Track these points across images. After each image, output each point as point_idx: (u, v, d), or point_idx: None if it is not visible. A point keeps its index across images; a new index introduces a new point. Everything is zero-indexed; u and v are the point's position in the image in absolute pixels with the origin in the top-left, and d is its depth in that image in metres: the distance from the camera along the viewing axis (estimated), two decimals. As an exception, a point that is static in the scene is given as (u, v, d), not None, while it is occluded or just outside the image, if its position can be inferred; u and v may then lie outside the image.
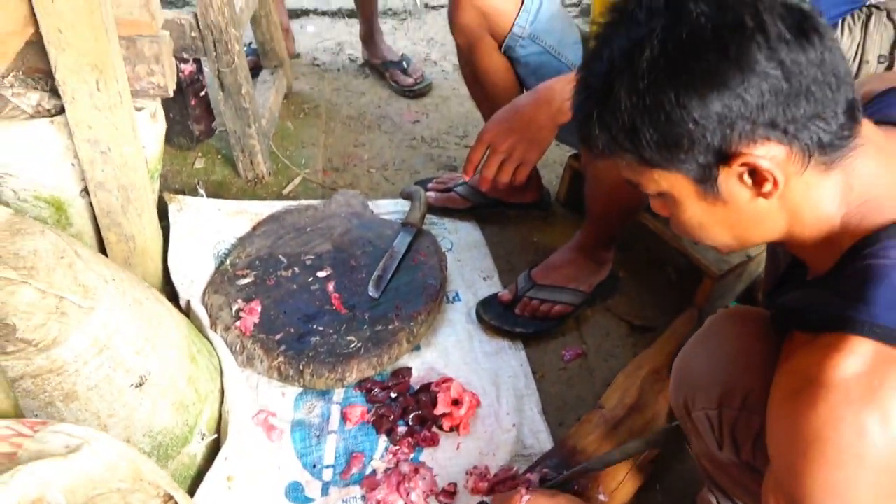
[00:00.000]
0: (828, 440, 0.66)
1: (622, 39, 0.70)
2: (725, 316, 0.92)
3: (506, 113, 1.28)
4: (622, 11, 0.72)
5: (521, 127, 1.25)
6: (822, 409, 0.66)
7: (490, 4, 1.47)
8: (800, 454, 0.67)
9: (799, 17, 0.67)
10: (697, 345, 0.92)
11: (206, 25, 1.64)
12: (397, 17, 2.71)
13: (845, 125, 0.70)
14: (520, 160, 1.26)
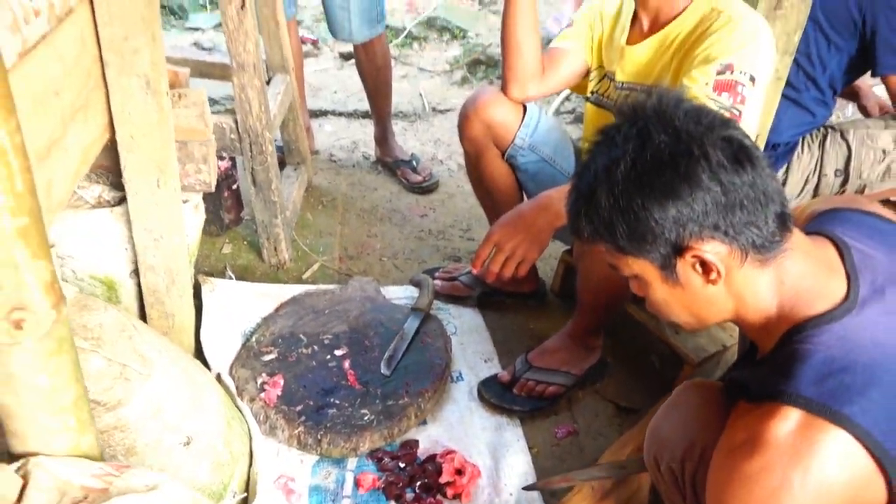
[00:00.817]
0: (757, 483, 0.82)
1: (604, 157, 0.91)
2: (689, 387, 1.09)
3: (510, 217, 1.48)
4: (605, 134, 0.93)
5: (523, 229, 1.44)
6: (756, 460, 0.83)
7: (495, 119, 1.69)
8: (732, 496, 0.83)
9: (736, 148, 0.88)
10: (666, 410, 1.09)
11: (244, 129, 1.86)
12: (407, 120, 2.97)
13: (776, 232, 0.89)
14: (521, 258, 1.45)
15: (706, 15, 1.45)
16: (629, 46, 1.57)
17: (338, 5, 2.31)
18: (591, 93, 1.73)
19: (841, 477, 0.82)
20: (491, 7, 3.71)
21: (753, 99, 1.38)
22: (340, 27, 2.35)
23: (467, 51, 3.35)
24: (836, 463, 0.82)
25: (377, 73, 2.47)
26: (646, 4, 1.52)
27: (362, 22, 2.33)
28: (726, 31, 1.40)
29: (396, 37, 3.42)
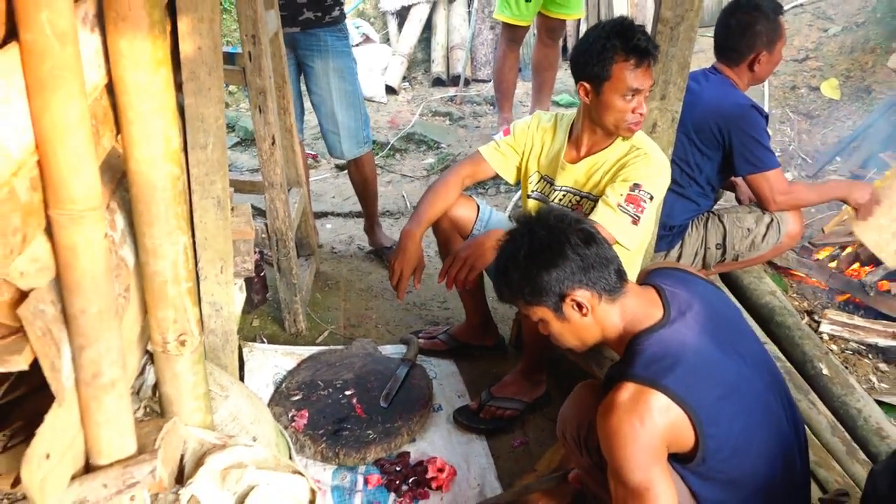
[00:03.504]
0: (618, 430, 1.40)
1: (510, 247, 1.53)
2: (581, 385, 1.69)
3: (467, 242, 2.14)
4: (510, 234, 1.56)
5: (474, 248, 2.06)
6: (612, 418, 1.41)
7: (457, 217, 2.33)
8: (609, 443, 1.41)
9: (586, 234, 1.50)
10: (568, 402, 1.68)
11: (273, 230, 2.50)
12: (393, 217, 3.63)
13: (617, 281, 1.51)
14: (470, 266, 2.06)
15: (627, 151, 2.07)
16: (569, 164, 2.18)
17: (330, 131, 2.96)
18: (532, 191, 2.36)
19: (663, 422, 1.40)
20: (459, 123, 4.45)
21: (649, 211, 2.01)
22: (333, 148, 3.00)
23: (440, 159, 4.06)
24: (658, 413, 1.40)
25: (365, 183, 3.11)
26: (580, 140, 2.13)
27: (351, 144, 2.97)
28: (641, 163, 2.03)
29: (382, 149, 4.12)
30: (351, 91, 2.92)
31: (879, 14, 4.95)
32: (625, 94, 1.95)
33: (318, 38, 2.82)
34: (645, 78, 1.95)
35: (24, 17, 0.84)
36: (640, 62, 1.93)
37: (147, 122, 1.20)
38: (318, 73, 2.86)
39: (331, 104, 2.90)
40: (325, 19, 2.81)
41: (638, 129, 2.05)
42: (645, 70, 1.95)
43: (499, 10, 3.74)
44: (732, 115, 2.46)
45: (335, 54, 2.86)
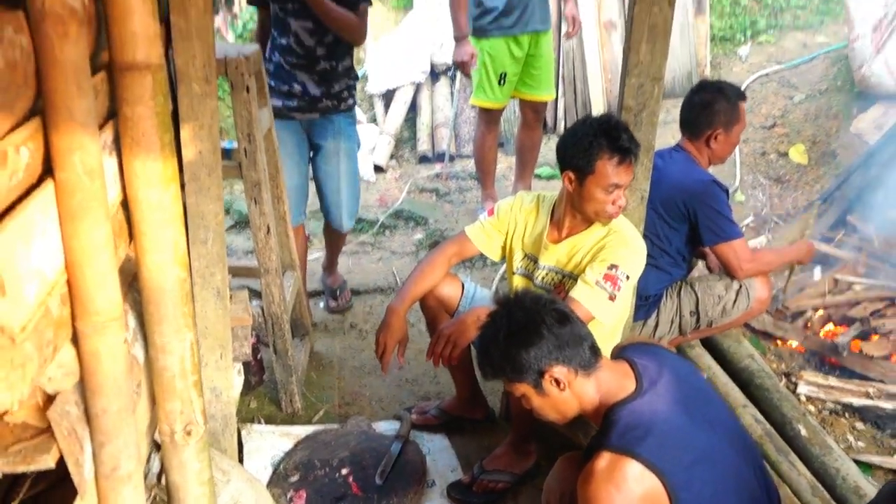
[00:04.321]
0: (595, 499, 1.50)
1: (491, 329, 1.65)
2: (563, 457, 1.79)
3: (450, 321, 2.26)
4: (490, 317, 1.68)
5: (456, 326, 2.18)
6: (590, 486, 1.51)
7: (443, 295, 2.46)
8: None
9: (561, 314, 1.63)
10: (552, 473, 1.78)
11: (269, 314, 2.61)
12: (384, 294, 3.73)
13: (591, 357, 1.63)
14: (454, 344, 2.17)
15: (606, 233, 2.21)
16: (551, 244, 2.32)
17: (334, 205, 3.22)
18: (517, 268, 2.49)
19: (638, 489, 1.50)
20: (445, 198, 4.63)
21: (626, 289, 2.15)
22: (334, 220, 3.27)
23: (428, 234, 4.21)
24: (633, 480, 1.50)
25: (339, 242, 3.48)
26: (562, 222, 2.27)
27: (348, 218, 3.27)
28: (618, 245, 2.17)
29: (372, 227, 4.28)
30: (355, 171, 3.24)
31: (839, 82, 5.23)
32: (606, 187, 2.10)
33: (333, 122, 3.08)
34: (626, 174, 2.11)
35: (59, 159, 0.98)
36: (622, 160, 2.09)
37: (158, 232, 1.34)
38: (330, 153, 3.12)
39: (338, 181, 3.17)
40: (341, 106, 3.08)
41: (616, 218, 2.20)
42: (627, 167, 2.10)
43: (475, 96, 3.95)
44: (696, 191, 2.62)
45: (346, 137, 3.14)
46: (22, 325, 0.90)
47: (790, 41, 6.01)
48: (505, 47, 3.72)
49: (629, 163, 2.10)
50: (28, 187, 0.97)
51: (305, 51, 2.92)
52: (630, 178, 2.14)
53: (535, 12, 3.70)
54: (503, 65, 3.76)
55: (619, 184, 2.10)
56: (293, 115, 3.01)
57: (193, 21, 1.73)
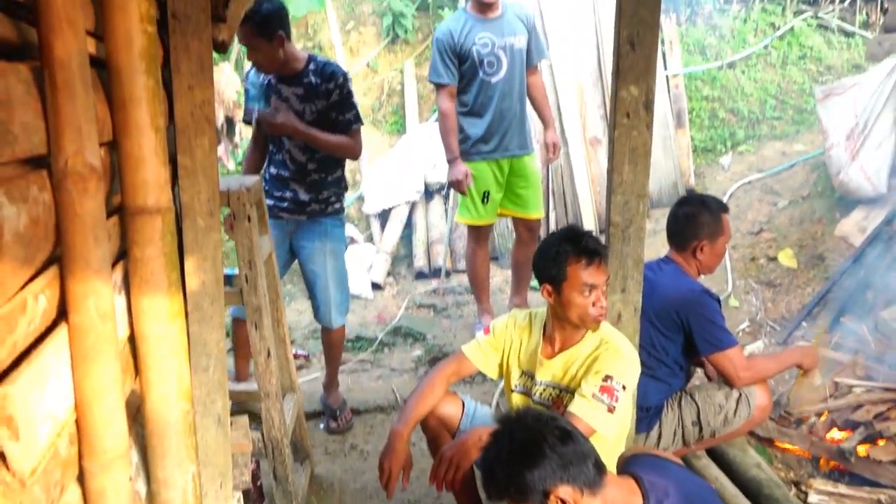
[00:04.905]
0: None
1: (494, 448, 1.66)
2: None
3: (452, 442, 2.25)
4: (493, 436, 1.69)
5: (458, 447, 2.17)
6: None
7: (444, 414, 2.46)
8: None
9: (563, 431, 1.64)
10: None
11: (269, 439, 2.60)
12: (384, 412, 3.71)
13: (596, 475, 1.62)
14: (456, 466, 2.14)
15: (598, 344, 2.26)
16: (546, 359, 2.36)
17: (322, 303, 3.31)
18: (516, 386, 2.51)
19: None
20: (443, 313, 4.68)
21: (624, 400, 2.17)
22: (323, 317, 3.35)
23: (427, 350, 4.23)
24: None
25: (335, 346, 3.47)
26: (554, 337, 2.33)
27: (337, 315, 3.34)
28: (611, 356, 2.21)
29: (371, 345, 4.30)
30: (342, 270, 3.36)
31: (820, 188, 5.41)
32: (582, 290, 2.17)
33: (320, 224, 3.24)
34: (598, 274, 2.18)
35: (74, 304, 1.03)
36: (590, 261, 2.17)
37: (163, 365, 1.38)
38: (316, 253, 3.23)
39: (325, 280, 3.27)
40: (328, 210, 3.26)
41: (602, 319, 2.25)
42: (597, 267, 2.18)
43: (459, 214, 4.07)
44: (687, 301, 2.68)
45: (332, 238, 3.28)
46: (32, 467, 0.93)
47: (769, 150, 6.26)
48: (487, 168, 3.89)
49: (598, 263, 2.18)
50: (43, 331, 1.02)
51: (298, 166, 3.18)
52: (604, 279, 2.20)
53: (513, 138, 3.87)
54: (486, 184, 3.91)
55: (593, 284, 2.17)
56: (281, 215, 3.24)
57: (199, 160, 1.84)
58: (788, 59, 6.78)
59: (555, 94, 5.35)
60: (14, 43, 0.99)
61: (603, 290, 2.21)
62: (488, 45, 3.71)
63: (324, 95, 3.08)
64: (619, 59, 2.33)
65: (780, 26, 6.85)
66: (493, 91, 3.77)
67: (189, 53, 1.76)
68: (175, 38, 1.71)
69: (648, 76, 2.35)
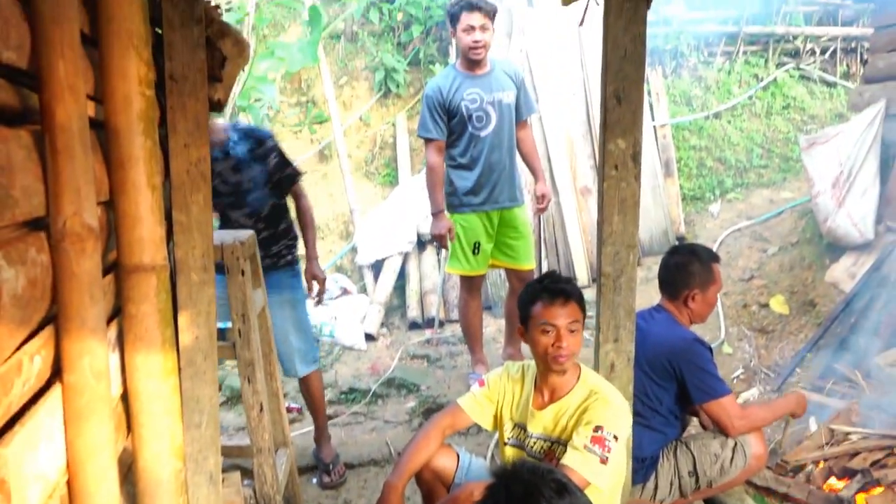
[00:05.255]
0: None
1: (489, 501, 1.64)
2: None
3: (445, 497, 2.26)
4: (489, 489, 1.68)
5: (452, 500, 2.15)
6: None
7: (439, 467, 2.44)
8: None
9: (559, 485, 1.63)
10: None
11: (261, 495, 2.57)
12: (378, 465, 3.67)
13: None
14: None
15: (587, 395, 2.26)
16: (537, 411, 2.36)
17: (285, 353, 3.28)
18: (509, 438, 2.49)
19: None
20: (437, 364, 4.66)
21: (616, 450, 2.16)
22: (288, 368, 3.34)
23: (421, 402, 4.20)
24: None
25: (314, 397, 3.43)
26: (543, 387, 2.33)
27: (303, 364, 3.33)
28: (600, 405, 2.21)
29: (364, 397, 4.27)
30: (302, 318, 3.37)
31: (808, 234, 5.48)
32: (543, 328, 2.21)
33: (273, 277, 3.22)
34: (560, 314, 2.21)
35: (69, 363, 1.04)
36: (552, 300, 2.21)
37: (156, 423, 1.38)
38: (274, 306, 3.19)
39: (285, 331, 3.27)
40: (280, 262, 3.31)
41: (565, 361, 2.23)
42: (560, 306, 2.21)
43: (450, 265, 4.07)
44: (679, 350, 2.69)
45: (289, 288, 3.31)
46: (23, 531, 0.92)
47: (757, 197, 6.35)
48: (477, 220, 3.93)
49: (562, 303, 2.21)
50: (37, 391, 1.02)
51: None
52: (568, 320, 2.21)
53: (503, 191, 3.92)
54: (476, 235, 3.94)
55: (553, 323, 2.20)
56: None
57: (194, 216, 1.86)
58: (773, 109, 6.93)
59: (545, 146, 5.45)
60: (16, 109, 1.02)
61: (570, 331, 2.22)
62: (477, 101, 3.79)
63: (260, 161, 3.17)
64: (606, 113, 2.39)
65: (764, 77, 7.03)
66: (482, 145, 3.84)
67: (186, 113, 1.80)
68: (172, 99, 1.76)
69: (635, 129, 2.40)
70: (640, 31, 2.36)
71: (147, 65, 1.36)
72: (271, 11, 6.20)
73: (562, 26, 5.60)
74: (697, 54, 7.09)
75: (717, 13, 7.16)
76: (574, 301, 2.25)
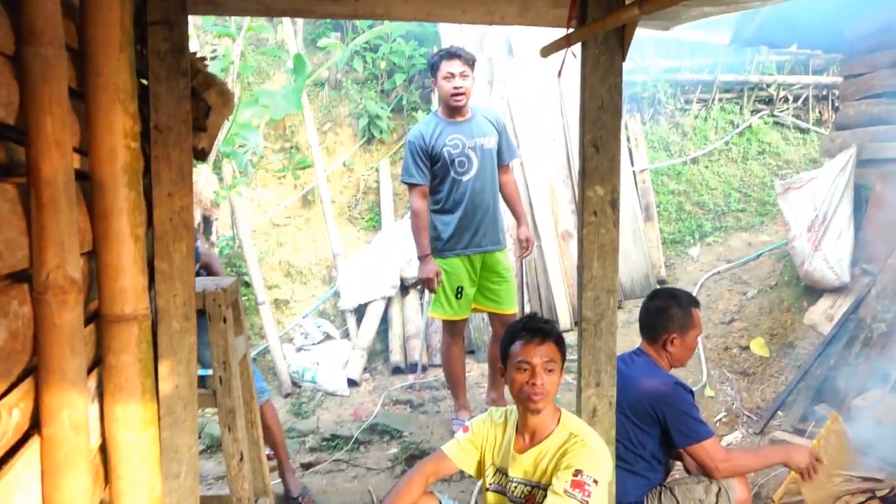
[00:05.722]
0: None
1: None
2: None
3: None
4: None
5: None
6: None
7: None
8: None
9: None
10: None
11: (241, 547, 2.52)
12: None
13: None
14: None
15: (567, 438, 2.26)
16: (518, 454, 2.36)
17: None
18: (490, 484, 2.48)
19: None
20: (420, 409, 4.63)
21: (597, 495, 2.14)
22: None
23: (404, 448, 4.16)
24: None
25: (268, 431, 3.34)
26: (524, 431, 2.34)
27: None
28: (580, 449, 2.21)
29: (346, 444, 4.22)
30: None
31: (787, 277, 5.55)
32: (519, 367, 2.24)
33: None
34: (535, 353, 2.23)
35: (48, 415, 1.04)
36: (530, 338, 2.25)
37: (135, 474, 1.36)
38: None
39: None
40: None
41: (539, 400, 2.23)
42: (536, 345, 2.23)
43: (433, 309, 4.09)
44: (661, 394, 2.70)
45: None
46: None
47: (736, 241, 6.45)
48: (460, 264, 3.96)
49: (538, 342, 2.24)
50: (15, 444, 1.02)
51: None
52: (544, 359, 2.23)
53: (486, 234, 3.96)
54: (459, 279, 3.97)
55: (529, 360, 2.22)
56: None
57: (176, 265, 1.88)
58: (749, 155, 7.09)
59: (527, 192, 5.52)
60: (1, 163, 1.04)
61: (546, 370, 2.24)
62: (458, 146, 3.85)
63: None
64: (584, 161, 2.45)
65: (739, 124, 7.20)
66: (464, 189, 3.89)
67: (170, 163, 1.83)
68: (157, 149, 1.78)
69: (613, 176, 2.46)
70: (617, 82, 2.43)
71: (132, 118, 1.39)
72: (256, 59, 6.29)
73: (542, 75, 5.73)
74: (675, 101, 7.26)
75: (692, 62, 7.37)
76: (552, 341, 2.27)
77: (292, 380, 4.96)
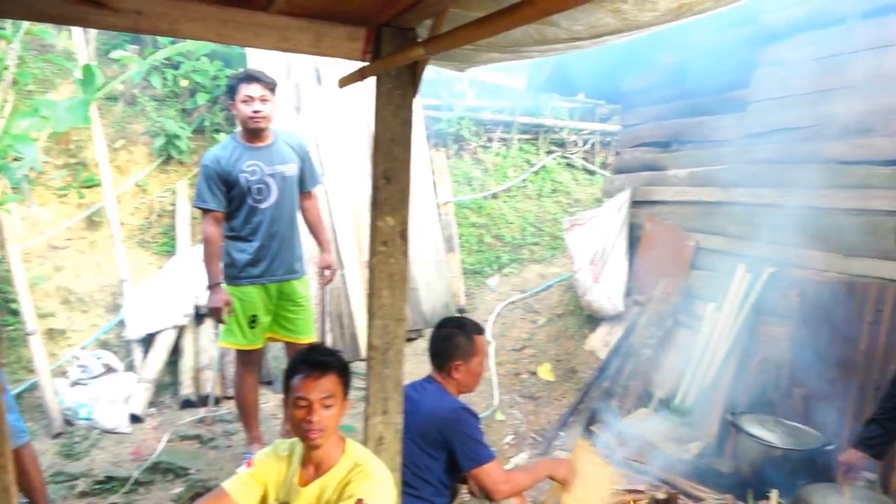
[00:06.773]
0: None
1: None
2: None
3: None
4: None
5: None
6: None
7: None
8: None
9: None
10: None
11: None
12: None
13: None
14: None
15: (351, 468, 2.24)
16: (301, 488, 2.29)
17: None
18: (275, 518, 2.40)
19: None
20: (210, 444, 4.39)
21: None
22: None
23: (189, 486, 3.90)
24: None
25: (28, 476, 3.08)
26: (308, 463, 2.28)
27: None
28: (362, 478, 2.20)
29: (123, 486, 3.88)
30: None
31: (572, 307, 6.00)
32: (296, 402, 2.20)
33: None
34: (313, 388, 2.20)
35: None
36: (308, 372, 2.22)
37: None
38: None
39: None
40: None
41: (316, 437, 2.21)
42: (314, 380, 2.21)
43: (223, 338, 3.92)
44: (449, 419, 2.79)
45: None
46: None
47: (530, 272, 6.87)
48: (255, 293, 3.85)
49: (317, 376, 2.21)
50: None
51: None
52: (322, 395, 2.21)
53: (283, 264, 3.88)
54: (254, 307, 3.86)
55: (305, 397, 2.20)
56: None
57: None
58: (543, 192, 7.62)
59: (331, 219, 5.51)
60: None
61: (324, 406, 2.21)
62: (256, 173, 3.76)
63: None
64: (375, 192, 2.48)
65: (535, 163, 7.73)
66: (262, 217, 3.80)
67: None
68: None
69: (403, 208, 2.52)
70: (407, 117, 2.50)
71: None
72: (39, 67, 5.75)
73: (348, 104, 5.79)
74: (478, 139, 7.65)
75: (494, 103, 7.82)
76: (334, 373, 2.25)
77: (65, 418, 4.51)
